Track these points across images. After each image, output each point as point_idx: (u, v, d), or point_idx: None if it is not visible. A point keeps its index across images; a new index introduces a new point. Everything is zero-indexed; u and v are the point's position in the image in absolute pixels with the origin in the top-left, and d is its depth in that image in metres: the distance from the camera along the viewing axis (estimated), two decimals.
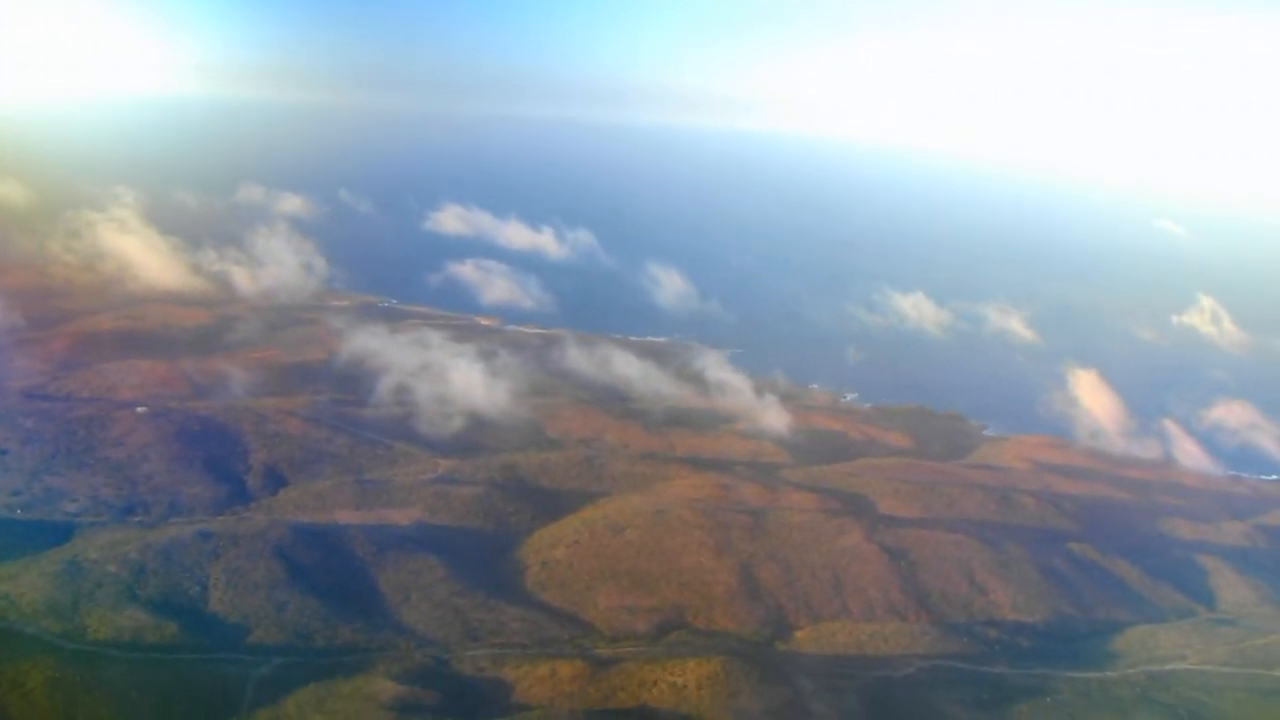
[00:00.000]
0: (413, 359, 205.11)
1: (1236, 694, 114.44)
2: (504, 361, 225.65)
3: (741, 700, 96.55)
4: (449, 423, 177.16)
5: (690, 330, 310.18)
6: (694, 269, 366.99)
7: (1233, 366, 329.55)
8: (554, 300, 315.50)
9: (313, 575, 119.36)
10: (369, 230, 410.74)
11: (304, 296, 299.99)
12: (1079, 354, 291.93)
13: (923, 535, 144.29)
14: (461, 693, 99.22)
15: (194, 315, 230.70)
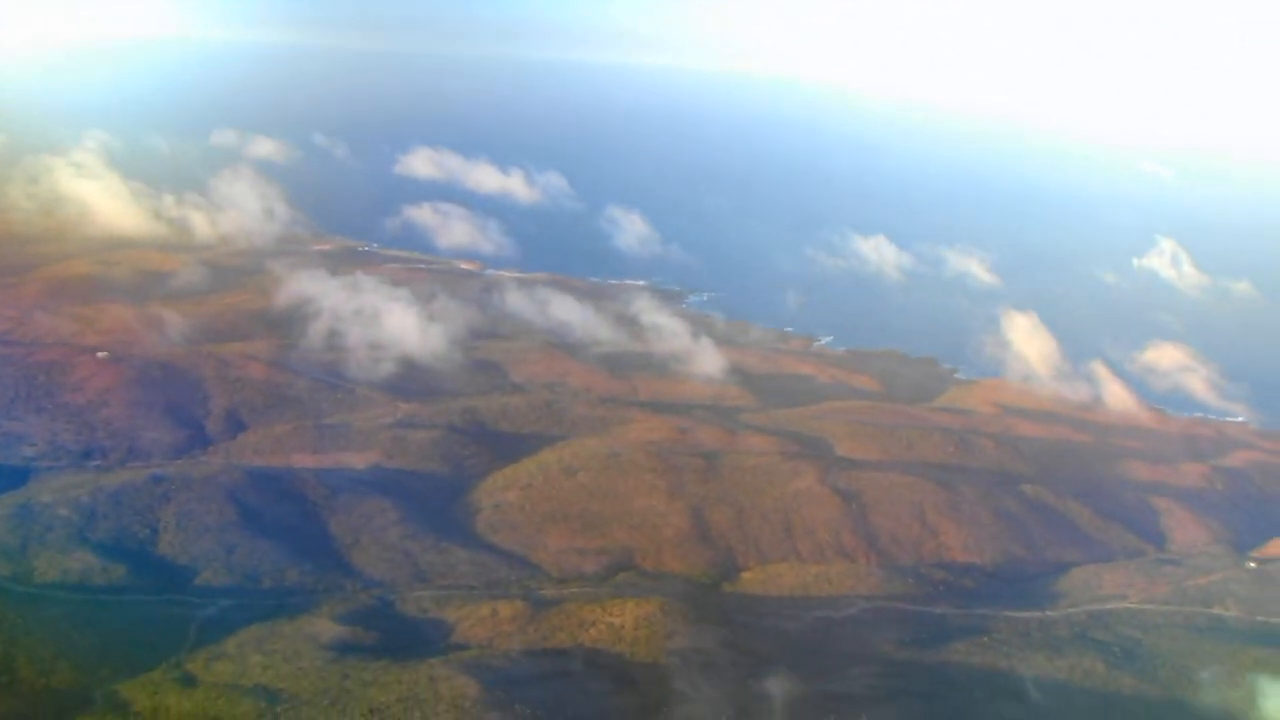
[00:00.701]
0: (382, 303, 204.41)
1: (1173, 631, 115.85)
2: (473, 306, 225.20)
3: (677, 640, 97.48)
4: (412, 367, 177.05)
5: (665, 275, 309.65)
6: (662, 212, 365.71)
7: (1186, 309, 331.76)
8: (517, 244, 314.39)
9: (264, 519, 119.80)
10: (340, 174, 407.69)
11: (277, 242, 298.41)
12: (1036, 297, 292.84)
13: (876, 478, 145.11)
14: (402, 633, 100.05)
15: (165, 261, 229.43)
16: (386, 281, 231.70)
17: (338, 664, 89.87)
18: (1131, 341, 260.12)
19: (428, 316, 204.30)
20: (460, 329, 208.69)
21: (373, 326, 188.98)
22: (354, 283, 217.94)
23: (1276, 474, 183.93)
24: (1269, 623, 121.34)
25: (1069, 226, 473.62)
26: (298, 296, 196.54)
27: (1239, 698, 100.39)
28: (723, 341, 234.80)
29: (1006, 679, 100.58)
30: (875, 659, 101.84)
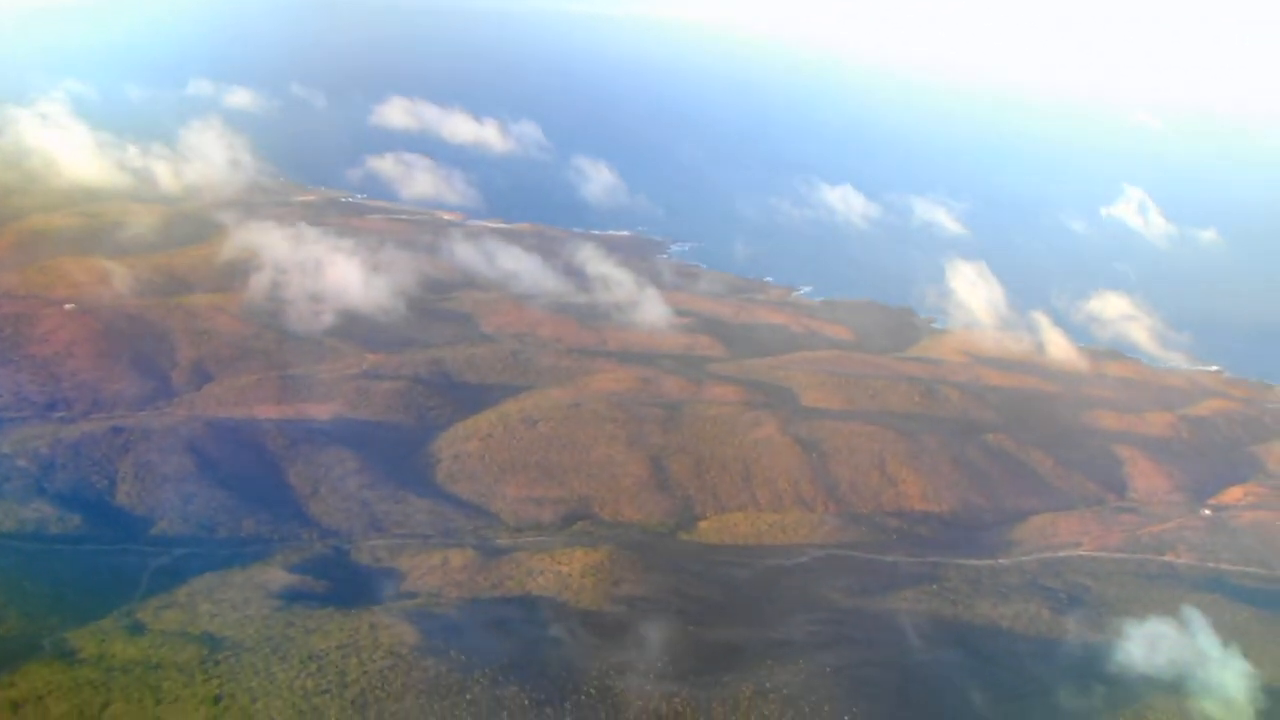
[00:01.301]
0: (354, 255, 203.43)
1: (1123, 578, 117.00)
2: (449, 257, 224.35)
3: (623, 588, 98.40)
4: (381, 318, 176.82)
5: (639, 224, 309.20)
6: (636, 162, 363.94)
7: (1148, 258, 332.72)
8: (492, 194, 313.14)
9: (222, 469, 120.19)
10: (316, 124, 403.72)
11: (260, 193, 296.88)
12: (1000, 246, 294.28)
13: (838, 427, 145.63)
14: (353, 582, 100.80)
15: (137, 213, 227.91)
16: (362, 233, 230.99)
17: (284, 612, 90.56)
18: (1083, 291, 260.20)
19: (400, 268, 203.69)
20: (433, 280, 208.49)
21: (343, 278, 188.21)
22: (328, 234, 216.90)
23: (1244, 422, 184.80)
24: (1218, 569, 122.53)
25: (1046, 176, 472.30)
26: (269, 248, 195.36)
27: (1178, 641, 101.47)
28: (698, 292, 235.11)
29: (951, 625, 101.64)
30: (821, 606, 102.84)
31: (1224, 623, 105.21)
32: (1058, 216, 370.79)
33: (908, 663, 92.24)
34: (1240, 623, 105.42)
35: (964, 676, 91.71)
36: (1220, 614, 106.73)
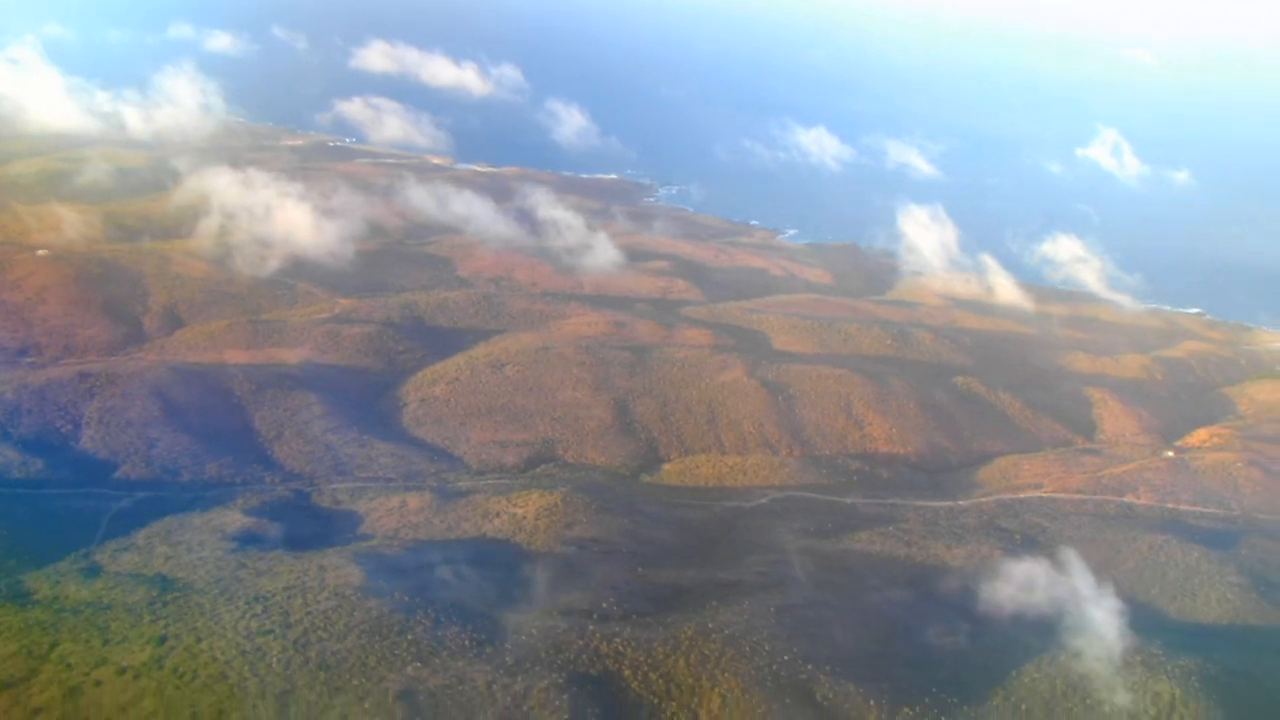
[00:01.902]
0: (333, 199, 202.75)
1: (1080, 519, 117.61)
2: (432, 201, 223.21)
3: (575, 530, 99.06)
4: (357, 263, 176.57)
5: (622, 167, 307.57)
6: (613, 105, 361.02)
7: (1118, 199, 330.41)
8: (464, 138, 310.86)
9: (188, 414, 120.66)
10: (296, 67, 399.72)
11: (249, 136, 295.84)
12: (971, 188, 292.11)
13: (806, 371, 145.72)
14: (311, 524, 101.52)
15: (114, 158, 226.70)
16: (345, 178, 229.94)
17: (237, 554, 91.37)
18: (1041, 233, 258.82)
19: (379, 213, 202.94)
20: (413, 224, 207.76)
21: (319, 224, 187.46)
22: (309, 179, 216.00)
23: (1218, 364, 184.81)
24: (1176, 510, 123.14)
25: (1031, 114, 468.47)
26: (246, 194, 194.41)
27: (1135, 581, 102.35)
28: (680, 235, 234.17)
29: (902, 566, 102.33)
30: (774, 548, 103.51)
31: (1173, 562, 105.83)
32: (1036, 157, 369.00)
33: (854, 603, 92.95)
34: (1190, 562, 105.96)
35: (909, 616, 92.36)
36: (1170, 554, 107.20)
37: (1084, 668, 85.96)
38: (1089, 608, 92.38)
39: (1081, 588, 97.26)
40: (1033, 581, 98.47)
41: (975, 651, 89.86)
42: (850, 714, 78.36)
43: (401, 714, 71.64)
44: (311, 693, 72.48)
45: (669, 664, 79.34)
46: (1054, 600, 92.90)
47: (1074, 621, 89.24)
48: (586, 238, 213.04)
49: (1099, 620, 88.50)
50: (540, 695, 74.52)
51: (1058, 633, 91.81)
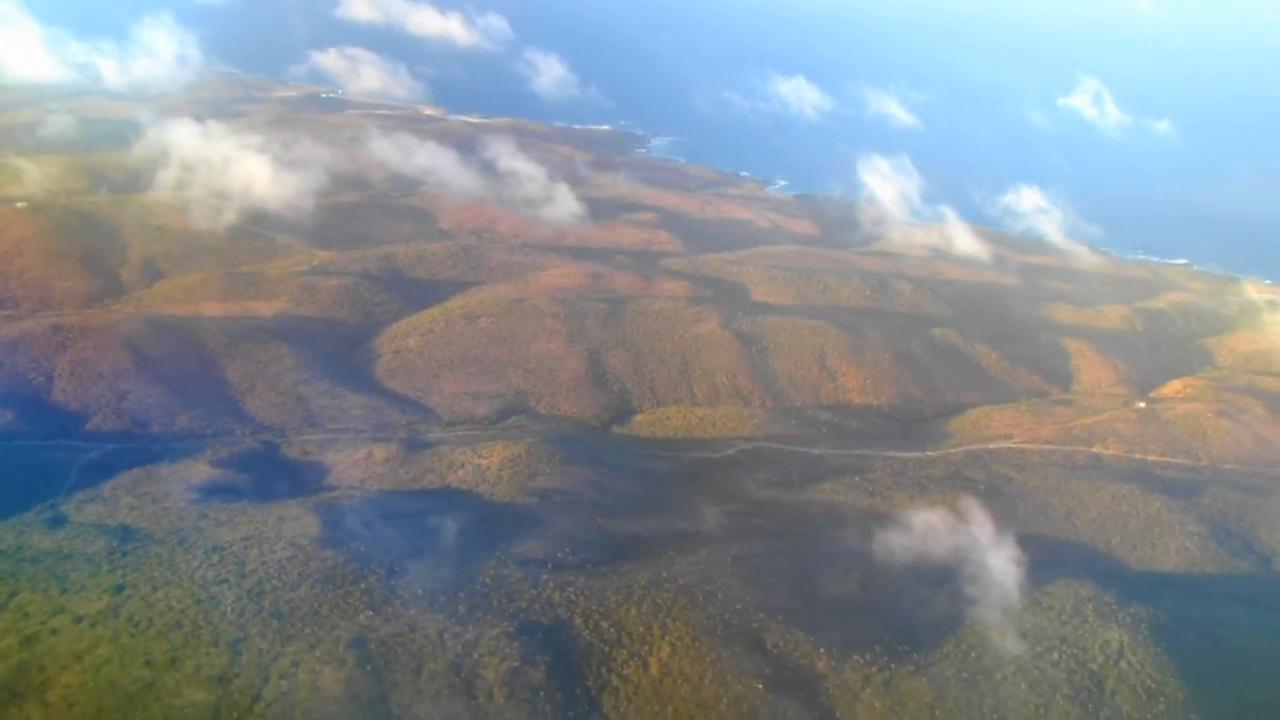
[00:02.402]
0: (315, 151, 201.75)
1: (1047, 469, 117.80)
2: (419, 152, 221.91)
3: (538, 481, 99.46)
4: (337, 214, 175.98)
5: (605, 117, 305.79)
6: (596, 55, 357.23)
7: (1094, 148, 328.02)
8: (439, 88, 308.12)
9: (160, 366, 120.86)
10: (277, 17, 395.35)
11: (241, 87, 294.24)
12: (949, 138, 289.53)
13: (781, 322, 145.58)
14: (278, 476, 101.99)
15: (98, 109, 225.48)
16: (333, 129, 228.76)
17: (200, 505, 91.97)
18: (1010, 184, 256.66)
19: (362, 164, 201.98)
20: (397, 176, 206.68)
21: (302, 174, 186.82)
22: (296, 130, 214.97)
23: (1199, 315, 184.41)
24: (1144, 460, 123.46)
25: (1021, 63, 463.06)
26: (229, 145, 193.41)
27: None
28: (670, 186, 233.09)
29: (862, 516, 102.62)
30: (738, 498, 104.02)
31: (1134, 512, 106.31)
32: (1018, 106, 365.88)
33: (813, 553, 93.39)
34: (1151, 512, 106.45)
35: (867, 566, 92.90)
36: (1133, 504, 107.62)
37: (1035, 617, 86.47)
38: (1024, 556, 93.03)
39: (1042, 539, 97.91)
40: (995, 533, 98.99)
41: (932, 601, 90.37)
42: (800, 662, 79.06)
43: (352, 661, 72.36)
44: (264, 641, 73.23)
45: (621, 613, 80.00)
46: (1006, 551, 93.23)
47: (1021, 571, 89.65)
48: (572, 189, 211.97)
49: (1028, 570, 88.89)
50: (490, 643, 75.28)
51: (1008, 582, 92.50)
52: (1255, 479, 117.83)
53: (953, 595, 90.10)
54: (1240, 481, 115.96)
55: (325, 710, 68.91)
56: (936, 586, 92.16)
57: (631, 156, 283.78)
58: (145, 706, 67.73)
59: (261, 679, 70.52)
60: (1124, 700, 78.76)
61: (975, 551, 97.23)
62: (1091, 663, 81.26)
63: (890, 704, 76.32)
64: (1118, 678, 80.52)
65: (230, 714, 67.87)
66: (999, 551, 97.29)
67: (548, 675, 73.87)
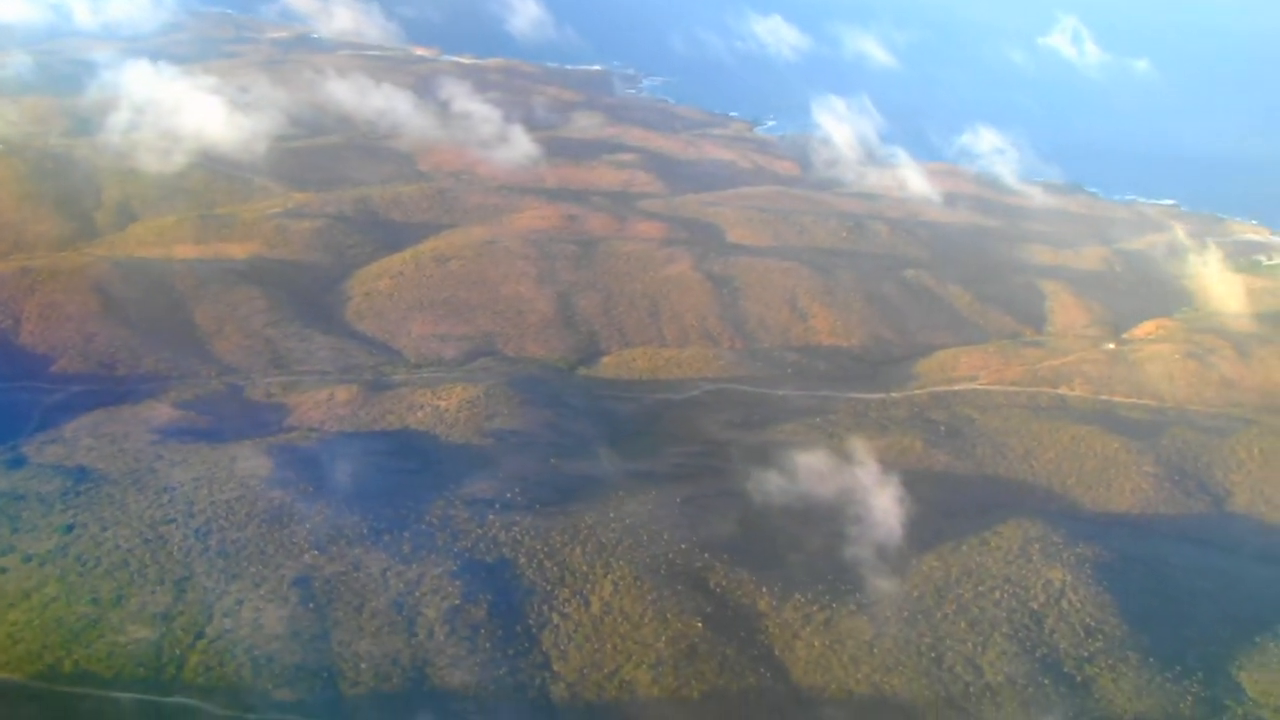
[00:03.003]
0: (293, 91, 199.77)
1: (1010, 410, 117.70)
2: (402, 93, 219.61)
3: (496, 422, 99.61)
4: (314, 156, 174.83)
5: (623, 60, 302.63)
6: None
7: (1072, 88, 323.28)
8: (411, 27, 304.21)
9: (129, 309, 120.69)
10: None
11: (233, 28, 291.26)
12: (926, 78, 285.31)
13: (753, 263, 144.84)
14: (239, 417, 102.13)
15: (75, 49, 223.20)
16: (317, 70, 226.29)
17: (158, 446, 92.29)
18: (976, 124, 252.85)
19: (343, 105, 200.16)
20: (381, 116, 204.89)
21: (278, 115, 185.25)
22: (281, 70, 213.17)
23: (1180, 256, 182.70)
24: (1109, 401, 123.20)
25: None
26: (205, 86, 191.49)
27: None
28: (656, 127, 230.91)
29: (819, 457, 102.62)
30: (695, 439, 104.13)
31: (1092, 453, 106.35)
32: (998, 44, 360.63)
33: (765, 494, 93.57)
34: (1109, 453, 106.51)
35: (818, 507, 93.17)
36: (1091, 445, 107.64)
37: (981, 557, 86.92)
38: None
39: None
40: (947, 474, 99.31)
41: (880, 541, 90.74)
42: (742, 601, 79.76)
43: (295, 599, 73.14)
44: (208, 579, 74.04)
45: (565, 552, 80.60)
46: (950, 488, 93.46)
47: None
48: (554, 131, 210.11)
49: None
50: (433, 582, 76.01)
51: (956, 524, 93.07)
52: (1218, 420, 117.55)
53: (900, 536, 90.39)
54: (1202, 423, 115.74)
55: (266, 647, 69.73)
56: (885, 528, 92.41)
57: (621, 97, 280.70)
58: (89, 643, 68.61)
59: (205, 617, 71.32)
60: (1062, 638, 79.39)
61: (925, 493, 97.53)
62: (1032, 602, 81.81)
63: (829, 642, 77.00)
64: (1057, 616, 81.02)
65: (172, 651, 68.69)
66: (949, 493, 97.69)
67: (489, 613, 74.60)
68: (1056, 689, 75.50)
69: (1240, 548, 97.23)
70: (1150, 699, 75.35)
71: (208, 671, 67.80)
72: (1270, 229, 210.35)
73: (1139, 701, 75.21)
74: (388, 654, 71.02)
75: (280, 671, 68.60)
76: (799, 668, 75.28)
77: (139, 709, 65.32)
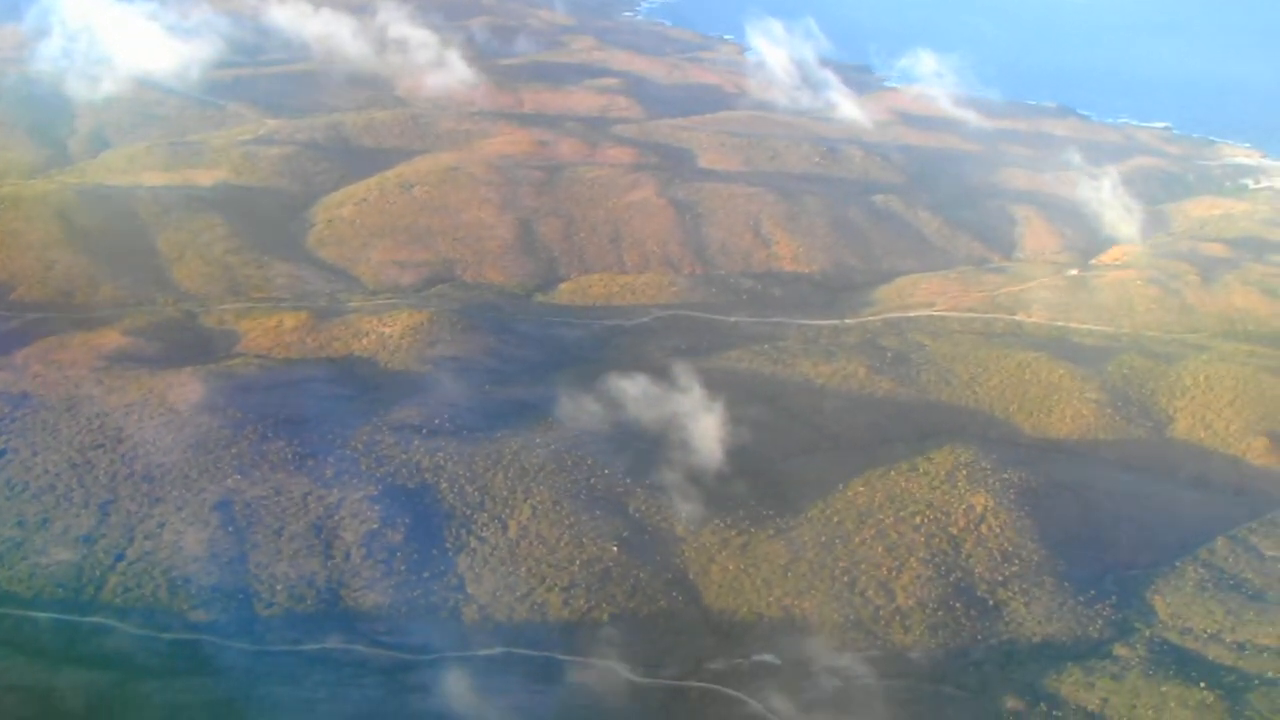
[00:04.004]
0: (268, 13, 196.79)
1: (962, 337, 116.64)
2: (370, 14, 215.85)
3: (437, 349, 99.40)
4: (291, 82, 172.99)
5: None
6: None
7: (1063, 9, 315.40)
8: None
9: (90, 236, 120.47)
10: None
11: None
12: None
13: (718, 189, 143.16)
14: (188, 344, 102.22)
15: None
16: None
17: (103, 372, 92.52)
18: (965, 48, 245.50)
19: (324, 27, 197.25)
20: (361, 38, 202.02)
21: (255, 41, 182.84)
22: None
23: (1162, 180, 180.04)
24: (1065, 328, 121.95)
25: None
26: (178, 9, 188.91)
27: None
28: (645, 50, 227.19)
29: (763, 382, 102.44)
30: (638, 365, 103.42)
31: (1037, 379, 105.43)
32: None
33: (698, 419, 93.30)
34: (1054, 379, 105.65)
35: (754, 432, 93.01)
36: (1036, 371, 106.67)
37: (908, 483, 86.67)
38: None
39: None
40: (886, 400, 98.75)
41: (813, 466, 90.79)
42: (660, 525, 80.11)
43: (215, 523, 73.91)
44: (132, 503, 74.90)
45: (487, 477, 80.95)
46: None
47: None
48: (539, 55, 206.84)
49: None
50: (352, 506, 76.61)
51: (894, 444, 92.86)
52: (1171, 345, 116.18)
53: (828, 460, 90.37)
54: (1155, 349, 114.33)
55: (184, 569, 70.66)
56: (816, 453, 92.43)
57: (616, 20, 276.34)
58: (11, 565, 69.79)
59: (126, 539, 72.29)
60: (978, 563, 79.42)
61: (864, 419, 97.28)
62: (952, 527, 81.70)
63: (744, 566, 77.32)
64: (976, 541, 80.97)
65: (93, 572, 69.73)
66: (888, 419, 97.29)
67: (406, 537, 75.24)
68: (967, 612, 75.60)
69: (1176, 473, 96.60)
70: (1060, 622, 75.36)
71: (126, 592, 68.79)
72: (1262, 152, 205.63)
73: (1048, 625, 75.23)
74: (303, 576, 71.89)
75: (196, 592, 69.60)
76: (711, 591, 75.64)
77: (55, 628, 66.41)
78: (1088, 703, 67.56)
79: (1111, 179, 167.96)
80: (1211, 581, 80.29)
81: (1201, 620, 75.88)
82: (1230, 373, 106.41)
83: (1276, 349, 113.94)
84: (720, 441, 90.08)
